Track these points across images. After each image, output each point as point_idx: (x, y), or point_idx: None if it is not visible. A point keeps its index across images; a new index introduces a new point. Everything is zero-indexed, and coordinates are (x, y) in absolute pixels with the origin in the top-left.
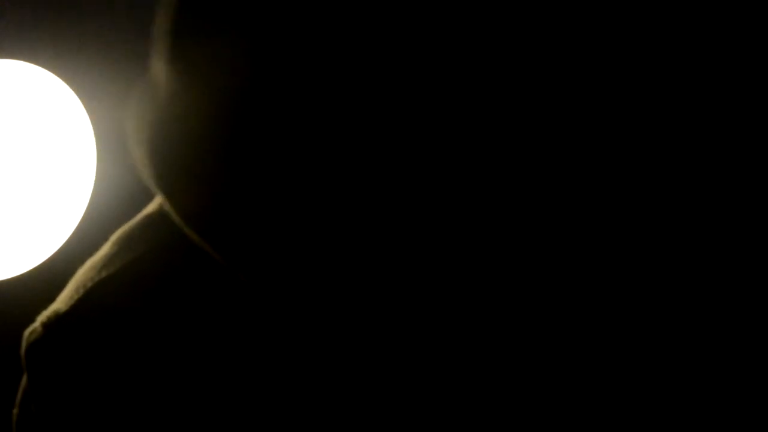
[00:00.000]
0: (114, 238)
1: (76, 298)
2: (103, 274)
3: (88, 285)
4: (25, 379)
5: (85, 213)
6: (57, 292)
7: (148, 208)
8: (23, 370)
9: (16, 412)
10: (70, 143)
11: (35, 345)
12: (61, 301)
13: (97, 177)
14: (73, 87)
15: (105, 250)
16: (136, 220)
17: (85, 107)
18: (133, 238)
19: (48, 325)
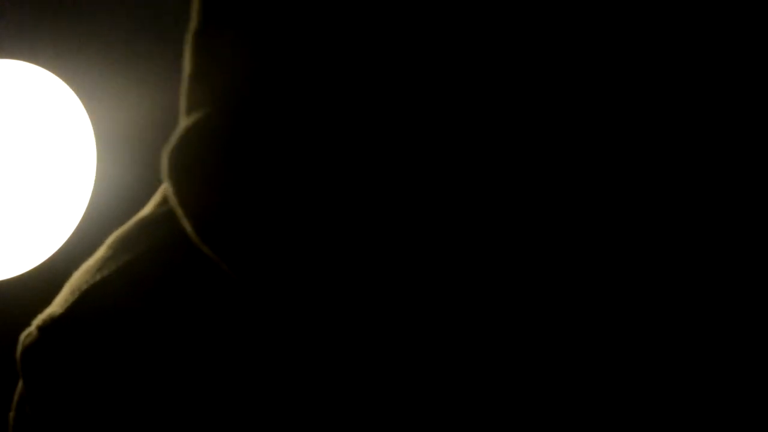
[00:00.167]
0: (109, 241)
1: (71, 301)
2: (97, 277)
3: (83, 288)
4: (20, 382)
5: (85, 213)
6: (57, 292)
7: (143, 211)
8: (18, 374)
9: (12, 415)
10: (70, 143)
11: (31, 348)
12: (57, 305)
13: (97, 177)
14: (73, 87)
15: (100, 254)
16: (132, 224)
17: (85, 107)
18: (128, 241)
19: (43, 328)
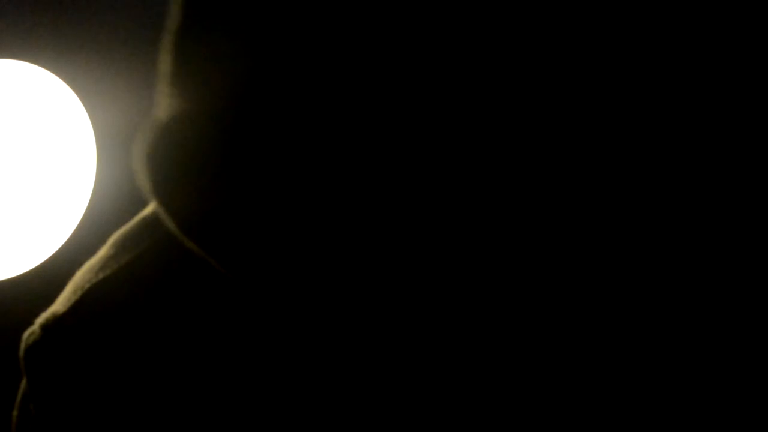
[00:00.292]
0: (111, 240)
1: (73, 299)
2: (100, 276)
3: (86, 287)
4: (24, 381)
5: (85, 213)
6: (57, 292)
7: (145, 210)
8: (22, 373)
9: (15, 414)
10: (70, 143)
11: (33, 347)
12: (59, 303)
13: (97, 177)
14: (73, 87)
15: (103, 252)
16: (134, 222)
17: (85, 107)
18: (130, 240)
19: (46, 327)
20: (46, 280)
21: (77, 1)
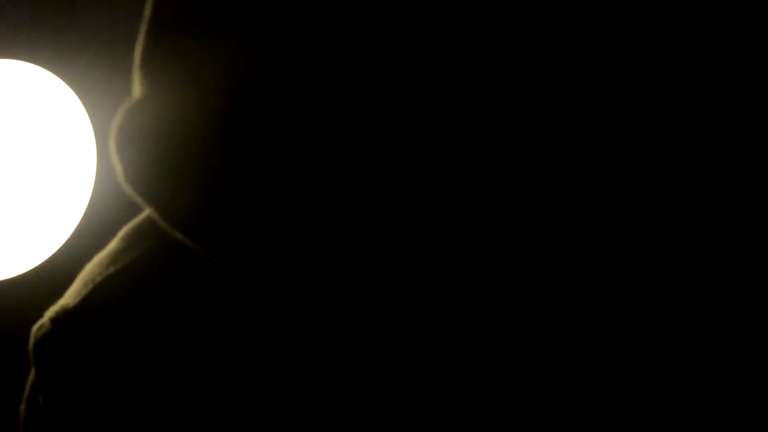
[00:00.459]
0: (122, 233)
1: (84, 293)
2: (111, 270)
3: (97, 280)
4: (32, 374)
5: (85, 213)
6: (57, 292)
7: None
8: (31, 366)
9: (23, 407)
10: (70, 143)
11: (43, 340)
12: (69, 297)
13: (97, 177)
14: (73, 87)
15: (113, 246)
16: (144, 216)
17: (85, 107)
18: (140, 234)
19: (56, 320)
20: (46, 280)
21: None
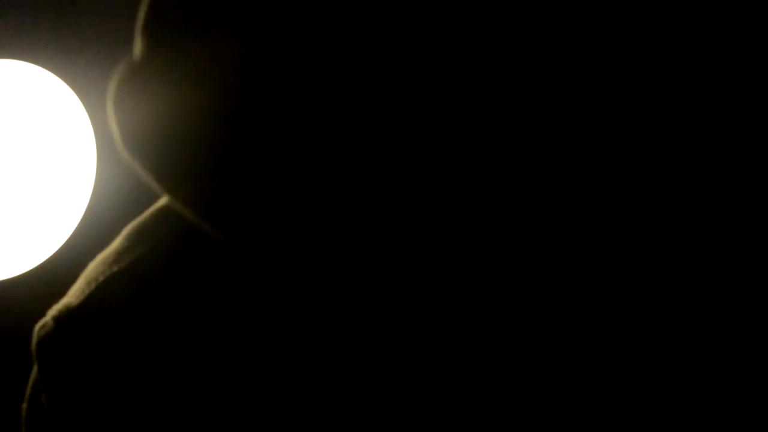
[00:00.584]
0: (125, 232)
1: (87, 292)
2: (114, 269)
3: (100, 279)
4: (35, 373)
5: (85, 213)
6: (57, 292)
7: (158, 201)
8: (33, 364)
9: (25, 406)
10: (70, 143)
11: (46, 339)
12: (72, 296)
13: (97, 177)
14: (73, 87)
15: (116, 244)
16: (147, 214)
17: (85, 107)
18: (144, 232)
19: (59, 319)
20: (46, 280)
21: (77, 1)
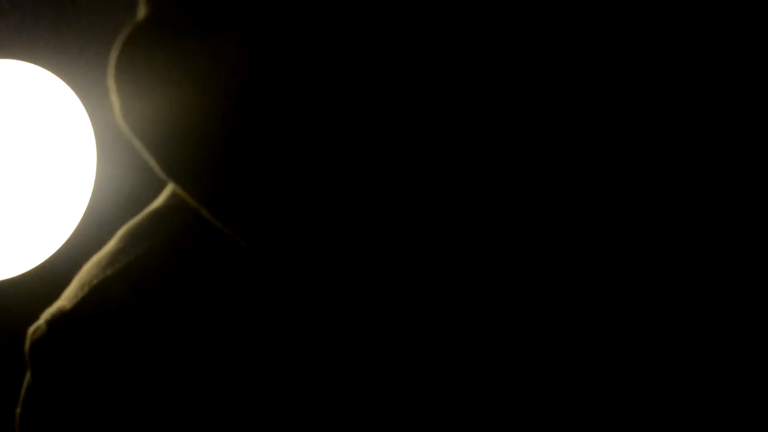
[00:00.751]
0: (119, 234)
1: (80, 296)
2: (108, 272)
3: (93, 282)
4: (28, 377)
5: (85, 213)
6: (57, 292)
7: (153, 203)
8: (26, 369)
9: (19, 411)
10: (70, 143)
11: (39, 343)
12: (66, 299)
13: (97, 177)
14: (73, 87)
15: (110, 247)
16: (142, 216)
17: (85, 107)
18: (138, 235)
19: (52, 322)
20: (46, 280)
21: (77, 1)
